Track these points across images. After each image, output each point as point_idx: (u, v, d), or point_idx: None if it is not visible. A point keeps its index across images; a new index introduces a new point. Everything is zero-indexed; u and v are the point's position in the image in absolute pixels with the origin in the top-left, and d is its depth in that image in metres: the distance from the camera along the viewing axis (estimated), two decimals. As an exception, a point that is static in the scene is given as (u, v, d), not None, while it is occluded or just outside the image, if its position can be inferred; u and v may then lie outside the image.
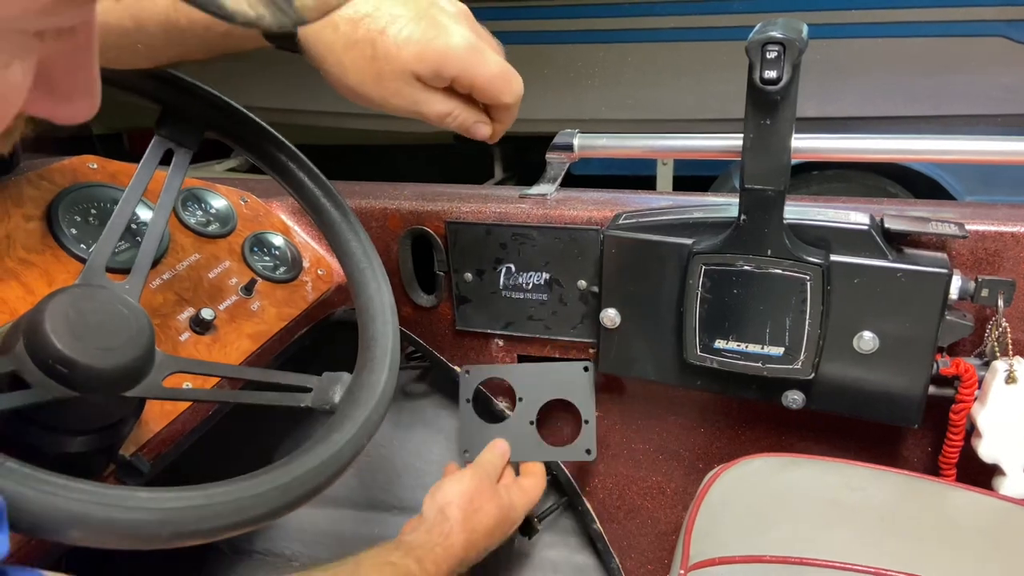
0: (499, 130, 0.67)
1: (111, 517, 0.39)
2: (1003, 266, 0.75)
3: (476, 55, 0.59)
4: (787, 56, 0.62)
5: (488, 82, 0.60)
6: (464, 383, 0.98)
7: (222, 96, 0.67)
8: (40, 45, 0.29)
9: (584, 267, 0.87)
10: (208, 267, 0.80)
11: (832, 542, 0.63)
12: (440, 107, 0.62)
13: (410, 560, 0.71)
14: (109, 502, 0.39)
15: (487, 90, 0.61)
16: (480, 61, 0.59)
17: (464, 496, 0.82)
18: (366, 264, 0.69)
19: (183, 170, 0.64)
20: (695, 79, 2.67)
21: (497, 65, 0.61)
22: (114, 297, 0.54)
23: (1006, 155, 0.75)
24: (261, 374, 0.64)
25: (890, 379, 0.75)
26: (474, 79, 0.60)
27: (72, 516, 0.37)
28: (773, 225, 0.72)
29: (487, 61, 0.60)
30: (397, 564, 0.70)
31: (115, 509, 0.39)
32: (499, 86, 0.61)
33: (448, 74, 0.59)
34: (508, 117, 0.66)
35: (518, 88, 0.63)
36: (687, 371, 0.83)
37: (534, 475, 0.93)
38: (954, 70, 2.52)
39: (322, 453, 0.52)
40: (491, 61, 0.60)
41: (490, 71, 0.60)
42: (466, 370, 0.98)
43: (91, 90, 0.33)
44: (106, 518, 0.39)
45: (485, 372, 0.97)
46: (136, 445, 0.65)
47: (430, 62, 0.58)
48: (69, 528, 0.38)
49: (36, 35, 0.28)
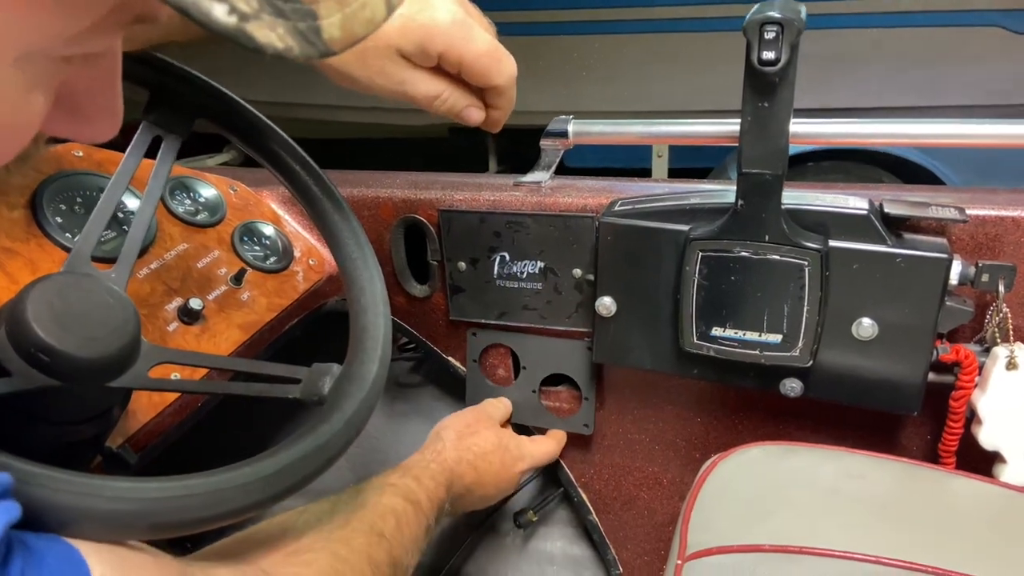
0: (496, 117, 0.65)
1: (87, 506, 0.38)
2: (1003, 251, 0.74)
3: (463, 30, 0.57)
4: (785, 36, 0.61)
5: (476, 59, 0.58)
6: (472, 344, 0.99)
7: (212, 82, 0.65)
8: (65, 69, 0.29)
9: (579, 255, 0.86)
10: (197, 257, 0.79)
11: (831, 531, 0.63)
12: (428, 87, 0.60)
13: (408, 479, 0.72)
14: (85, 491, 0.38)
15: (475, 69, 0.59)
16: (468, 37, 0.57)
17: (460, 420, 0.86)
18: (358, 254, 0.68)
19: (171, 158, 0.63)
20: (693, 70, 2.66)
21: (486, 43, 0.58)
22: (100, 286, 0.53)
23: (1004, 139, 0.74)
24: (249, 365, 0.63)
25: (889, 366, 0.74)
26: (462, 56, 0.57)
27: (46, 504, 0.36)
28: (771, 210, 0.71)
29: (475, 38, 0.58)
30: (397, 484, 0.71)
31: (91, 498, 0.38)
32: (488, 64, 0.59)
33: (434, 50, 0.57)
34: (504, 103, 0.63)
35: (510, 69, 0.60)
36: (684, 359, 0.82)
37: (552, 436, 0.97)
38: (950, 60, 2.51)
39: (308, 444, 0.50)
40: (479, 38, 0.58)
41: (478, 48, 0.58)
42: (473, 332, 0.98)
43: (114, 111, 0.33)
44: (81, 507, 0.37)
45: (491, 337, 0.97)
46: (123, 436, 0.64)
47: (414, 37, 0.56)
48: (43, 516, 0.36)
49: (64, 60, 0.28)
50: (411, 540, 0.67)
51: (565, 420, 0.98)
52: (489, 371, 1.00)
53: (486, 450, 0.84)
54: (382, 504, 0.67)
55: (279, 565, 0.53)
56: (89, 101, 0.31)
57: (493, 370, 1.00)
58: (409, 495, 0.70)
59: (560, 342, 0.94)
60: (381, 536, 0.63)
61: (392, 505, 0.67)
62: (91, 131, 0.33)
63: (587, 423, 0.96)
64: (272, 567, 0.53)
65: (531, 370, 0.97)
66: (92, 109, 0.32)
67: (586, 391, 0.95)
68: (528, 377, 0.97)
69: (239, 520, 0.45)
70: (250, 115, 0.67)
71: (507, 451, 0.87)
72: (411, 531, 0.67)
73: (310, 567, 0.54)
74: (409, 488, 0.71)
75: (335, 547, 0.58)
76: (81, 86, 0.30)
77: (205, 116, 0.65)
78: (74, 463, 0.57)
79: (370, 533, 0.62)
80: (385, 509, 0.66)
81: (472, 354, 0.99)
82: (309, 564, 0.55)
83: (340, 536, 0.60)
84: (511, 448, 0.88)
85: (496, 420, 0.91)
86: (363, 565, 0.59)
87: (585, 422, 0.96)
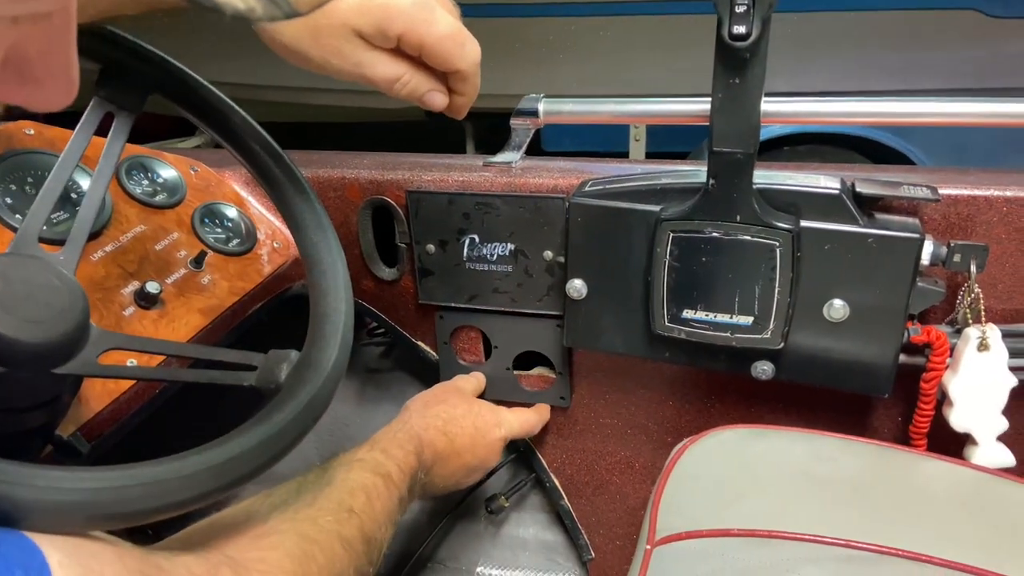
0: (460, 103, 0.62)
1: (17, 496, 0.35)
2: (975, 231, 0.73)
3: (424, 12, 0.54)
4: (756, 10, 0.60)
5: (437, 42, 0.56)
6: (440, 327, 0.97)
7: (166, 56, 0.63)
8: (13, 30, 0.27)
9: (550, 237, 0.84)
10: (155, 239, 0.77)
11: (801, 515, 0.62)
12: (387, 70, 0.57)
13: (376, 452, 0.70)
14: (16, 480, 0.35)
15: (437, 52, 0.56)
16: (428, 19, 0.55)
17: (428, 393, 0.86)
18: (319, 236, 0.65)
19: (124, 135, 0.60)
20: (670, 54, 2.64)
21: (448, 26, 0.56)
22: (46, 268, 0.50)
23: (979, 117, 0.73)
24: (204, 352, 0.61)
25: (860, 348, 0.73)
26: (422, 39, 0.55)
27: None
28: (742, 190, 0.70)
29: (436, 20, 0.55)
30: (364, 459, 0.69)
31: (22, 488, 0.36)
32: (449, 48, 0.56)
33: (392, 31, 0.54)
34: (468, 88, 0.61)
35: (472, 53, 0.58)
36: (655, 343, 0.81)
37: (535, 409, 0.95)
38: (926, 44, 2.51)
39: (260, 433, 0.48)
40: (441, 20, 0.55)
41: (439, 31, 0.55)
42: (440, 315, 0.96)
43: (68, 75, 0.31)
44: (11, 497, 0.35)
45: (460, 319, 0.96)
46: (75, 425, 0.62)
47: (372, 17, 0.53)
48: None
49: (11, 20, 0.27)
50: (383, 514, 0.65)
51: (541, 393, 0.96)
52: (460, 353, 0.99)
53: (455, 415, 0.82)
54: (350, 480, 0.65)
55: (244, 550, 0.52)
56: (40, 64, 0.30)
57: (464, 352, 0.99)
58: (378, 468, 0.68)
59: (530, 322, 0.92)
60: (351, 512, 0.61)
61: (361, 480, 0.65)
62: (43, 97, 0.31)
63: (563, 395, 0.95)
64: (237, 552, 0.51)
65: (503, 349, 0.95)
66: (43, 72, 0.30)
67: (559, 367, 0.94)
68: (501, 356, 0.96)
69: (184, 512, 0.43)
70: (206, 92, 0.65)
71: (479, 416, 0.85)
72: (383, 504, 0.65)
73: (276, 550, 0.53)
74: (377, 461, 0.69)
75: (302, 527, 0.56)
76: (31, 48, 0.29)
77: (159, 91, 0.63)
78: (21, 453, 0.55)
79: (339, 510, 0.60)
80: (354, 485, 0.64)
81: (442, 336, 0.97)
82: (275, 547, 0.53)
83: (307, 515, 0.58)
84: (484, 414, 0.86)
85: (467, 392, 0.90)
86: (333, 543, 0.57)
87: (562, 395, 0.95)
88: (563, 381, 0.95)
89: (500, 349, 0.95)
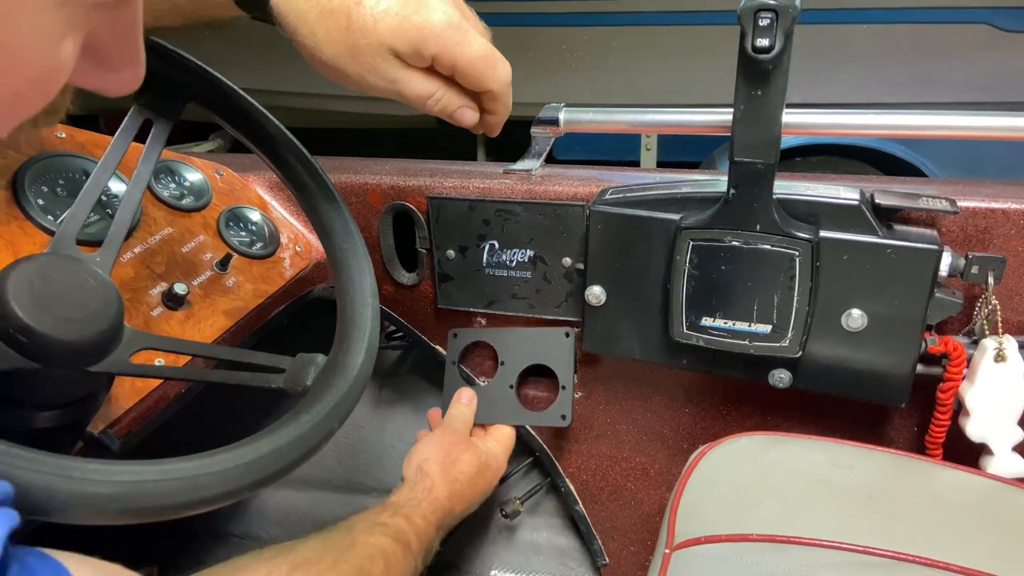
0: (492, 122, 0.64)
1: (55, 487, 0.36)
2: (993, 243, 0.74)
3: (458, 34, 0.56)
4: (780, 24, 0.61)
5: (470, 64, 0.57)
6: (452, 346, 0.98)
7: (206, 67, 0.64)
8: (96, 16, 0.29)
9: (569, 244, 0.85)
10: (182, 241, 0.78)
11: (819, 520, 0.63)
12: (421, 87, 0.58)
13: (399, 519, 0.72)
14: (51, 471, 0.36)
15: (469, 73, 0.58)
16: (462, 41, 0.56)
17: (440, 451, 0.84)
18: (348, 244, 0.67)
19: (162, 142, 0.61)
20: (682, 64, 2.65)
21: (481, 47, 0.57)
22: (83, 268, 0.52)
23: (997, 131, 0.74)
24: (233, 353, 0.62)
25: (878, 357, 0.74)
26: (455, 60, 0.57)
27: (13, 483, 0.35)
28: (762, 200, 0.70)
29: (470, 42, 0.57)
30: (388, 524, 0.70)
31: (60, 479, 0.36)
32: (482, 69, 0.58)
33: (428, 52, 0.56)
34: (500, 108, 0.63)
35: (504, 74, 0.60)
36: (673, 350, 0.81)
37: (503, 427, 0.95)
38: (937, 57, 2.51)
39: (288, 434, 0.49)
40: (474, 42, 0.57)
41: (473, 52, 0.57)
42: (454, 333, 0.97)
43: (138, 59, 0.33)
44: (50, 488, 0.36)
45: (472, 336, 0.97)
46: (105, 422, 0.63)
47: (408, 38, 0.55)
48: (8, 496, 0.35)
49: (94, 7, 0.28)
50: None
51: (540, 414, 0.95)
52: (469, 371, 0.99)
53: (472, 474, 0.84)
54: (371, 544, 0.66)
55: None
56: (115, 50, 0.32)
57: (473, 369, 1.00)
58: (399, 536, 0.69)
59: (540, 332, 0.93)
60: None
61: (381, 546, 0.67)
62: (117, 81, 0.33)
63: (564, 413, 0.93)
64: None
65: (510, 364, 0.95)
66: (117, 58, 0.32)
67: (564, 380, 0.93)
68: (506, 372, 0.95)
69: (212, 509, 0.44)
70: (243, 101, 0.66)
71: (488, 465, 0.87)
72: (400, 572, 0.67)
73: None
74: (400, 528, 0.71)
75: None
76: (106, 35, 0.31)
77: (197, 101, 0.64)
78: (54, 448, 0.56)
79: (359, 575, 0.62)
80: (374, 550, 0.66)
81: (452, 355, 0.98)
82: None
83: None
84: (491, 465, 0.88)
85: (466, 433, 0.90)
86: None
87: (563, 412, 0.94)
88: (565, 397, 0.93)
89: (507, 365, 0.95)
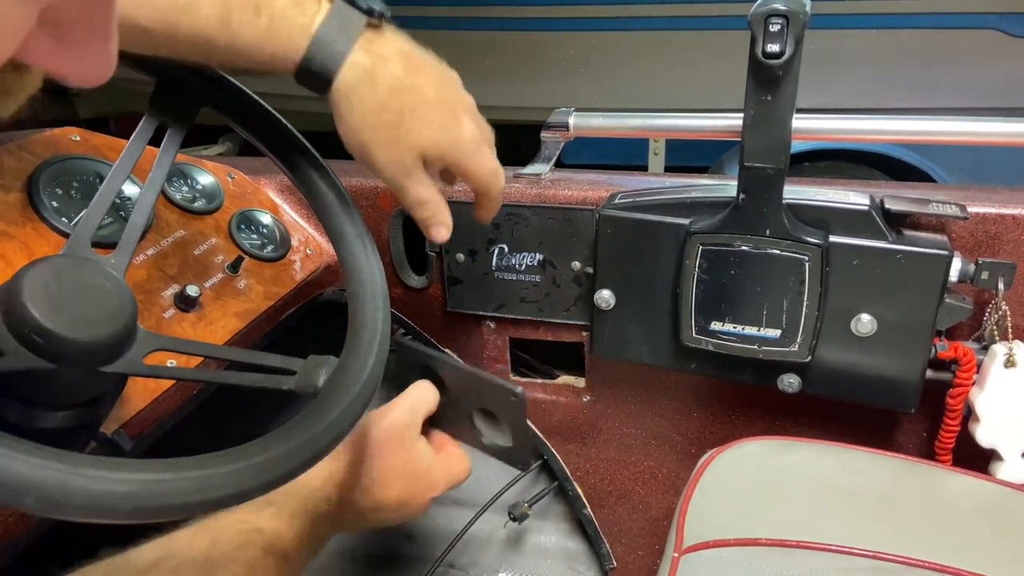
0: (483, 216, 0.70)
1: (69, 484, 0.37)
2: (1003, 249, 0.74)
3: (478, 150, 0.63)
4: (790, 29, 0.61)
5: (481, 176, 0.64)
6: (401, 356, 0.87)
7: (219, 71, 0.65)
8: None
9: (578, 248, 0.86)
10: (194, 244, 0.78)
11: (828, 525, 0.63)
12: (423, 192, 0.64)
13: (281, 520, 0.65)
14: (67, 469, 0.37)
15: (478, 183, 0.65)
16: (480, 155, 0.63)
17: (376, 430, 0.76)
18: (360, 249, 0.67)
19: (176, 146, 0.62)
20: (690, 69, 2.65)
21: (491, 161, 0.65)
22: (98, 270, 0.52)
23: (1006, 136, 0.74)
24: (245, 355, 0.62)
25: (887, 363, 0.74)
26: (469, 170, 0.63)
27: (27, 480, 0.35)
28: (772, 205, 0.71)
29: (485, 156, 0.64)
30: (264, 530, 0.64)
31: (74, 476, 0.37)
32: (490, 181, 0.65)
33: (449, 160, 0.62)
34: (492, 206, 0.69)
35: (501, 182, 0.67)
36: (682, 354, 0.82)
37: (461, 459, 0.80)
38: (946, 63, 2.51)
39: (299, 435, 0.50)
40: (488, 157, 0.64)
41: (486, 167, 0.64)
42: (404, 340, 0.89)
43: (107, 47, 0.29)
44: (64, 485, 0.36)
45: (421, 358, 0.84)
46: (118, 422, 0.63)
47: (441, 148, 0.61)
48: (24, 494, 0.35)
49: None
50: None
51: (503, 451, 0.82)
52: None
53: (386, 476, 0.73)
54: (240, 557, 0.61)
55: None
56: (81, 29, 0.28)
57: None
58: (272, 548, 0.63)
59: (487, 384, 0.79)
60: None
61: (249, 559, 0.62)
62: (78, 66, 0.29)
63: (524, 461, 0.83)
64: None
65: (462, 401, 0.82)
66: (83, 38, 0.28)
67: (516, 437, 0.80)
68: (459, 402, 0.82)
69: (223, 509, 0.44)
70: (257, 105, 0.67)
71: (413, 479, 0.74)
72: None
73: None
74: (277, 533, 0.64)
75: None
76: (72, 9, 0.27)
77: (212, 105, 0.65)
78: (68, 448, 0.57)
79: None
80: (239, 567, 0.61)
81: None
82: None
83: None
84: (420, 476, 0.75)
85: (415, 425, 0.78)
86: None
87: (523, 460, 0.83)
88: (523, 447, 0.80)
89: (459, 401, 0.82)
